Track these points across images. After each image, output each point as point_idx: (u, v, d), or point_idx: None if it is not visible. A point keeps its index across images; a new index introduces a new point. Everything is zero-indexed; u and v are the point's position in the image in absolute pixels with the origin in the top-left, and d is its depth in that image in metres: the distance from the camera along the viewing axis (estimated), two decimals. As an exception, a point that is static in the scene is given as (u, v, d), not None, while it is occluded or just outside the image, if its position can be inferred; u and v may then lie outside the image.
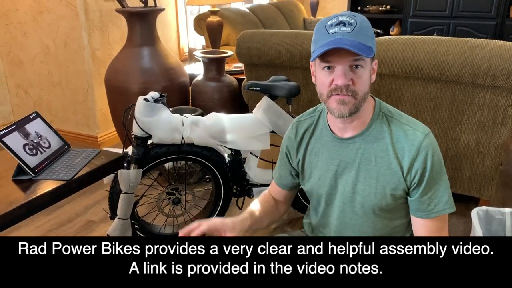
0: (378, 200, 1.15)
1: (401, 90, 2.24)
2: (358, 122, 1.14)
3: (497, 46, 1.99)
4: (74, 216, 2.37)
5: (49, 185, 1.36)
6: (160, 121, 1.78)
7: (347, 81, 1.04)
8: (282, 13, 5.01)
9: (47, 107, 3.36)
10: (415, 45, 2.14)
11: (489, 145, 2.15)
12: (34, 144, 1.45)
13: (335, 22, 1.03)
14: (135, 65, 2.67)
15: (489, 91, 2.05)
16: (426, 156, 1.09)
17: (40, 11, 3.06)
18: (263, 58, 2.54)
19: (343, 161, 1.17)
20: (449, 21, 5.16)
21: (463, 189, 2.31)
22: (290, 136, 1.29)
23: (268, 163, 2.10)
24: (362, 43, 1.02)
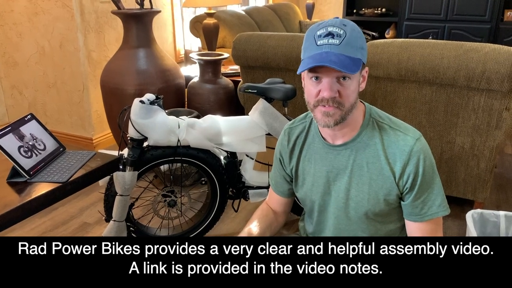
0: (371, 206, 1.15)
1: (396, 93, 2.25)
2: (348, 129, 1.14)
3: (492, 50, 2.00)
4: (69, 218, 2.36)
5: (44, 187, 1.35)
6: (156, 123, 1.78)
7: (334, 94, 1.04)
8: (278, 16, 5.02)
9: (42, 109, 3.35)
10: (410, 48, 2.15)
11: (484, 148, 2.16)
12: (29, 146, 1.44)
13: (324, 33, 1.03)
14: (131, 66, 2.67)
15: (483, 94, 2.07)
16: (417, 161, 1.09)
17: (36, 12, 3.05)
18: (259, 60, 2.54)
19: (335, 168, 1.18)
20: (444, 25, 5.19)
21: (458, 191, 2.32)
22: (283, 143, 1.29)
23: (264, 166, 2.10)
24: (350, 56, 1.01)
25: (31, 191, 1.34)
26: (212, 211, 2.07)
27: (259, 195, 2.07)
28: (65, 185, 1.38)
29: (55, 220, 2.34)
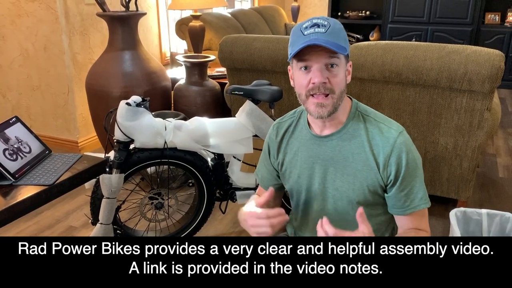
0: (356, 196, 1.18)
1: (380, 94, 2.28)
2: (335, 121, 1.17)
3: (473, 52, 2.05)
4: (54, 222, 2.34)
5: (30, 190, 1.34)
6: (143, 125, 1.77)
7: (324, 79, 1.07)
8: (263, 18, 5.05)
9: (26, 112, 3.30)
10: (394, 50, 2.18)
11: (466, 148, 2.21)
12: (14, 149, 1.43)
13: (310, 24, 1.09)
14: (116, 69, 2.66)
15: (465, 95, 2.11)
16: (400, 154, 1.12)
17: (19, 14, 3.02)
18: (245, 62, 2.55)
19: (321, 159, 1.20)
20: (427, 27, 5.27)
21: (441, 191, 2.36)
22: (271, 137, 1.32)
23: (251, 167, 2.11)
24: (336, 42, 1.06)
25: (16, 194, 1.32)
26: (199, 213, 2.07)
27: (246, 196, 2.08)
28: (51, 188, 1.37)
29: (40, 224, 2.32)
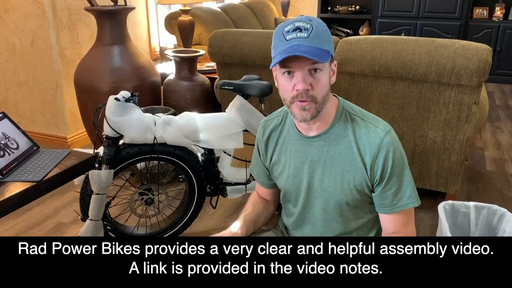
0: (344, 196, 1.18)
1: (370, 89, 2.30)
2: (321, 122, 1.17)
3: (461, 46, 2.06)
4: (44, 219, 2.32)
5: (18, 186, 1.33)
6: (132, 120, 1.76)
7: (307, 86, 1.06)
8: (253, 13, 5.03)
9: (14, 108, 3.27)
10: (383, 44, 2.19)
11: (455, 142, 2.23)
12: (1, 145, 1.41)
13: (292, 28, 1.06)
14: (105, 64, 2.63)
15: (454, 89, 2.13)
16: (387, 153, 1.13)
17: (5, 9, 2.97)
18: (235, 57, 2.55)
19: (309, 159, 1.21)
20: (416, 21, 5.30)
21: (430, 184, 2.39)
22: (259, 136, 1.33)
23: (241, 162, 2.11)
24: (319, 47, 1.04)
25: (4, 191, 1.31)
26: (190, 208, 2.07)
27: (237, 191, 2.08)
28: (39, 184, 1.36)
29: (29, 220, 2.30)
